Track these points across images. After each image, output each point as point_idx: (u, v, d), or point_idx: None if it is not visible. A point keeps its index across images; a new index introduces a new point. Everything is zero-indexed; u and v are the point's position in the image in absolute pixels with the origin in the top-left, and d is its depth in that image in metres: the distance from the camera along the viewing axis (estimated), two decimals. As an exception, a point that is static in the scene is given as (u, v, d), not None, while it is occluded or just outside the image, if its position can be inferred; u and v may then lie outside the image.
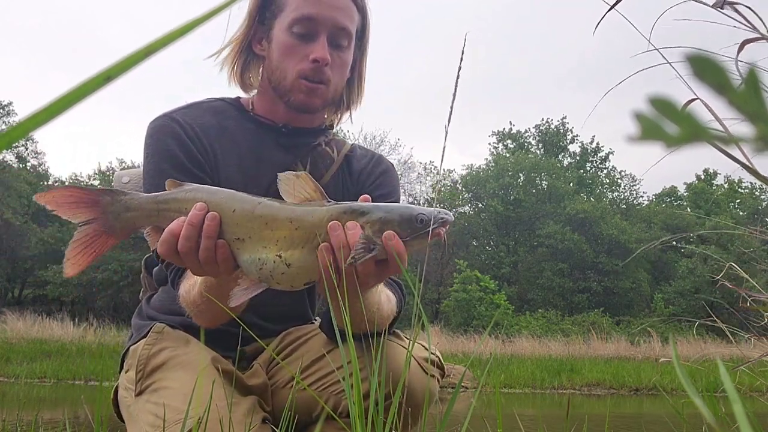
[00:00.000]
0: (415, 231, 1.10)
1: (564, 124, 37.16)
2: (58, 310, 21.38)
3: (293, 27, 1.49)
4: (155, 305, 1.65)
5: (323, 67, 1.49)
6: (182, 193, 1.16)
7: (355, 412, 0.89)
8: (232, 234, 1.11)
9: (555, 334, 19.38)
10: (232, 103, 1.65)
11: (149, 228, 1.19)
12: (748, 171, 0.82)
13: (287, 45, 1.50)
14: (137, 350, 1.52)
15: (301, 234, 1.08)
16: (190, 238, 1.12)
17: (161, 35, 0.26)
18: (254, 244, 1.10)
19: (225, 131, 1.58)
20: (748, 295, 1.57)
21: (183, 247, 1.12)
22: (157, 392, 1.43)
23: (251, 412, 1.40)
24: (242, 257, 1.12)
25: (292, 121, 1.60)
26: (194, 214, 1.12)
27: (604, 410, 7.34)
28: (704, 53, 0.22)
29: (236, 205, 1.11)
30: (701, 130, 0.23)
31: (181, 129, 1.50)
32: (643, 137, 0.23)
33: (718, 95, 0.23)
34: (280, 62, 1.52)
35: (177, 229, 1.13)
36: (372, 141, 30.96)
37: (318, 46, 1.48)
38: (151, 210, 1.16)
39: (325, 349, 1.50)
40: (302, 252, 1.09)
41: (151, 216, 1.17)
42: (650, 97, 0.23)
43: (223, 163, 1.54)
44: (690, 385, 0.46)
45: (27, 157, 29.17)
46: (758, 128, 0.23)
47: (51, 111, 0.25)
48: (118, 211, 1.15)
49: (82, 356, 12.05)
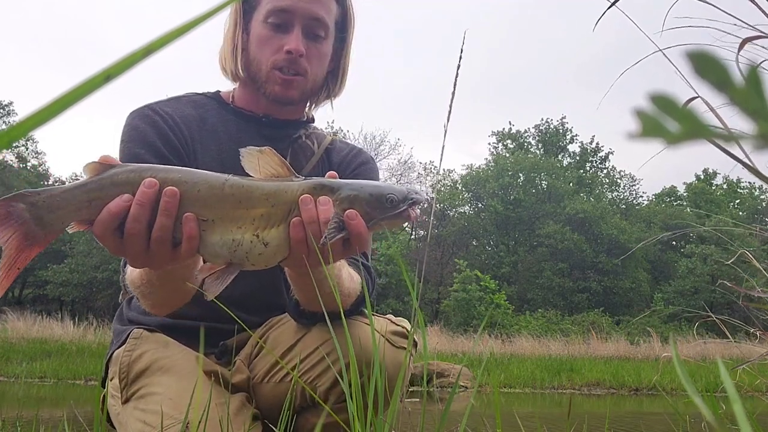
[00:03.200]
0: (385, 211, 1.06)
1: (563, 124, 37.20)
2: (58, 310, 21.38)
3: (268, 18, 1.50)
4: (135, 305, 1.61)
5: (298, 58, 1.49)
6: (122, 174, 0.99)
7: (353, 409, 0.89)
8: (198, 215, 0.99)
9: (555, 334, 19.38)
10: (213, 97, 1.66)
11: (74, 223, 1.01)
12: (748, 169, 0.82)
13: (262, 36, 1.51)
14: (119, 357, 1.50)
15: (279, 211, 1.02)
16: (139, 219, 0.98)
17: (160, 35, 0.26)
18: (226, 224, 1.00)
19: (205, 122, 1.57)
20: (749, 294, 1.57)
21: (131, 228, 0.98)
22: (143, 398, 1.42)
23: (242, 410, 1.40)
24: (210, 240, 1.00)
25: (273, 113, 1.61)
26: (144, 192, 0.98)
27: (604, 410, 7.34)
28: (705, 50, 0.22)
29: (200, 183, 1.00)
30: (702, 128, 0.23)
31: (159, 118, 1.50)
32: (644, 134, 0.23)
33: (719, 92, 0.23)
34: (255, 53, 1.53)
35: (118, 209, 0.98)
36: (372, 141, 31.00)
37: (292, 38, 1.48)
38: (81, 202, 0.98)
39: (296, 336, 1.47)
40: (279, 230, 1.03)
41: (81, 209, 0.99)
42: (651, 94, 0.23)
43: (202, 152, 1.53)
44: (690, 385, 0.46)
45: (27, 157, 29.17)
46: (759, 126, 0.23)
47: (51, 111, 0.25)
48: (40, 215, 0.97)
49: (82, 356, 12.05)
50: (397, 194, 1.07)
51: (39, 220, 0.97)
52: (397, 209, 1.06)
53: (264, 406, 1.50)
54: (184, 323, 1.54)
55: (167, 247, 1.01)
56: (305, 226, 1.02)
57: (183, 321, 1.54)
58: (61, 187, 0.99)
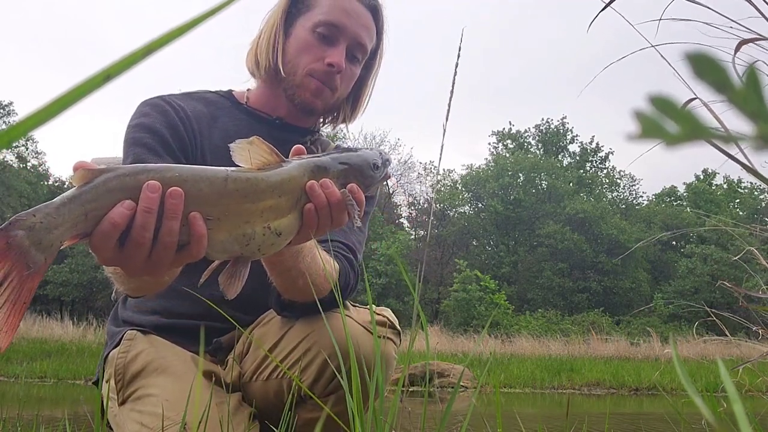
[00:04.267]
0: (375, 177, 1.14)
1: (564, 124, 37.20)
2: (57, 310, 21.38)
3: (317, 28, 1.52)
4: (131, 303, 1.61)
5: (335, 74, 1.52)
6: (117, 179, 0.91)
7: (352, 405, 0.89)
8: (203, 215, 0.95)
9: (555, 334, 19.38)
10: (225, 96, 1.66)
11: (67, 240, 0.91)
12: (747, 170, 0.82)
13: (307, 42, 1.52)
14: (114, 358, 1.50)
15: (286, 200, 1.03)
16: (147, 227, 0.90)
17: (160, 34, 0.26)
18: (233, 220, 0.97)
19: (216, 120, 1.57)
20: (750, 295, 1.57)
21: (140, 237, 0.90)
22: (140, 400, 1.42)
23: (239, 410, 1.40)
24: (217, 237, 0.97)
25: (287, 118, 1.62)
26: (149, 197, 0.89)
27: (604, 410, 7.34)
28: (704, 51, 0.22)
29: (201, 181, 0.95)
30: (701, 129, 0.23)
31: (171, 108, 1.50)
32: (644, 136, 0.23)
33: (718, 94, 0.23)
34: (294, 56, 1.53)
35: (122, 218, 0.89)
36: (372, 141, 30.99)
37: (336, 52, 1.51)
38: (77, 216, 0.89)
39: (281, 332, 1.47)
40: (290, 218, 1.04)
41: (78, 224, 0.90)
42: (650, 95, 0.23)
43: (210, 149, 1.53)
44: (690, 384, 0.46)
45: (27, 157, 29.17)
46: (758, 127, 0.23)
47: (51, 111, 0.25)
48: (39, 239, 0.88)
49: (82, 356, 12.06)
50: (378, 158, 1.15)
51: (38, 245, 0.88)
52: (382, 172, 1.15)
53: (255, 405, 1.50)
54: (178, 322, 1.54)
55: (173, 252, 0.95)
56: (317, 212, 1.05)
57: (178, 320, 1.54)
58: (54, 203, 0.89)
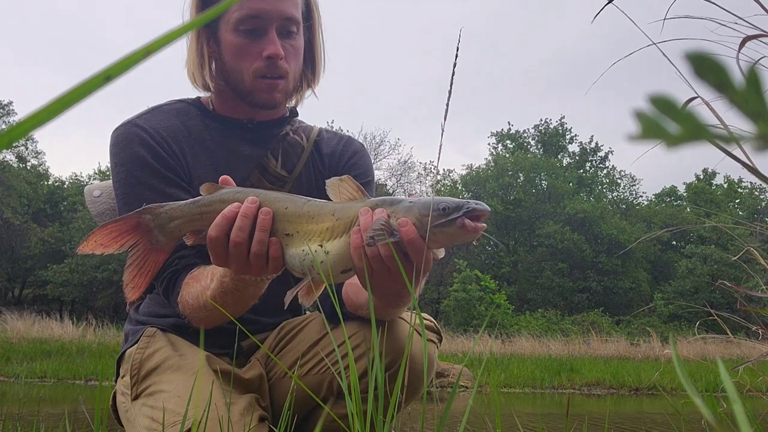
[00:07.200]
0: (436, 219, 1.06)
1: (563, 124, 37.18)
2: (58, 310, 21.36)
3: (240, 26, 1.47)
4: (144, 311, 1.64)
5: (278, 62, 1.48)
6: (229, 194, 1.20)
7: (351, 389, 0.89)
8: (283, 230, 1.17)
9: (555, 334, 19.37)
10: (194, 104, 1.64)
11: (189, 234, 1.22)
12: (748, 170, 0.82)
13: (237, 45, 1.49)
14: (131, 355, 1.52)
15: (341, 224, 1.15)
16: (243, 229, 1.15)
17: (160, 35, 0.26)
18: (301, 237, 1.16)
19: (191, 132, 1.57)
20: (749, 295, 1.57)
21: (237, 237, 1.14)
22: (152, 396, 1.43)
23: (248, 411, 1.39)
24: (289, 252, 1.17)
25: (255, 116, 1.61)
26: (248, 206, 1.15)
27: (604, 410, 7.34)
28: (704, 51, 0.22)
29: (288, 203, 1.18)
30: (702, 129, 0.23)
31: (147, 135, 1.49)
32: (644, 136, 0.23)
33: (719, 93, 0.23)
34: (234, 64, 1.51)
35: (231, 214, 1.15)
36: (372, 141, 30.95)
37: (269, 41, 1.47)
38: (194, 214, 1.20)
39: (321, 333, 1.49)
40: (340, 240, 1.14)
41: (194, 220, 1.21)
42: (651, 95, 0.23)
43: (194, 164, 1.53)
44: (690, 384, 0.46)
45: (27, 157, 29.18)
46: (759, 127, 0.23)
47: (51, 111, 0.25)
48: (162, 224, 1.21)
49: (82, 356, 12.05)
50: (450, 203, 1.07)
51: (161, 229, 1.21)
52: (448, 217, 1.06)
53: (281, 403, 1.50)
54: None
55: (263, 261, 1.17)
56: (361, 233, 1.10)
57: None
58: (179, 202, 1.22)
